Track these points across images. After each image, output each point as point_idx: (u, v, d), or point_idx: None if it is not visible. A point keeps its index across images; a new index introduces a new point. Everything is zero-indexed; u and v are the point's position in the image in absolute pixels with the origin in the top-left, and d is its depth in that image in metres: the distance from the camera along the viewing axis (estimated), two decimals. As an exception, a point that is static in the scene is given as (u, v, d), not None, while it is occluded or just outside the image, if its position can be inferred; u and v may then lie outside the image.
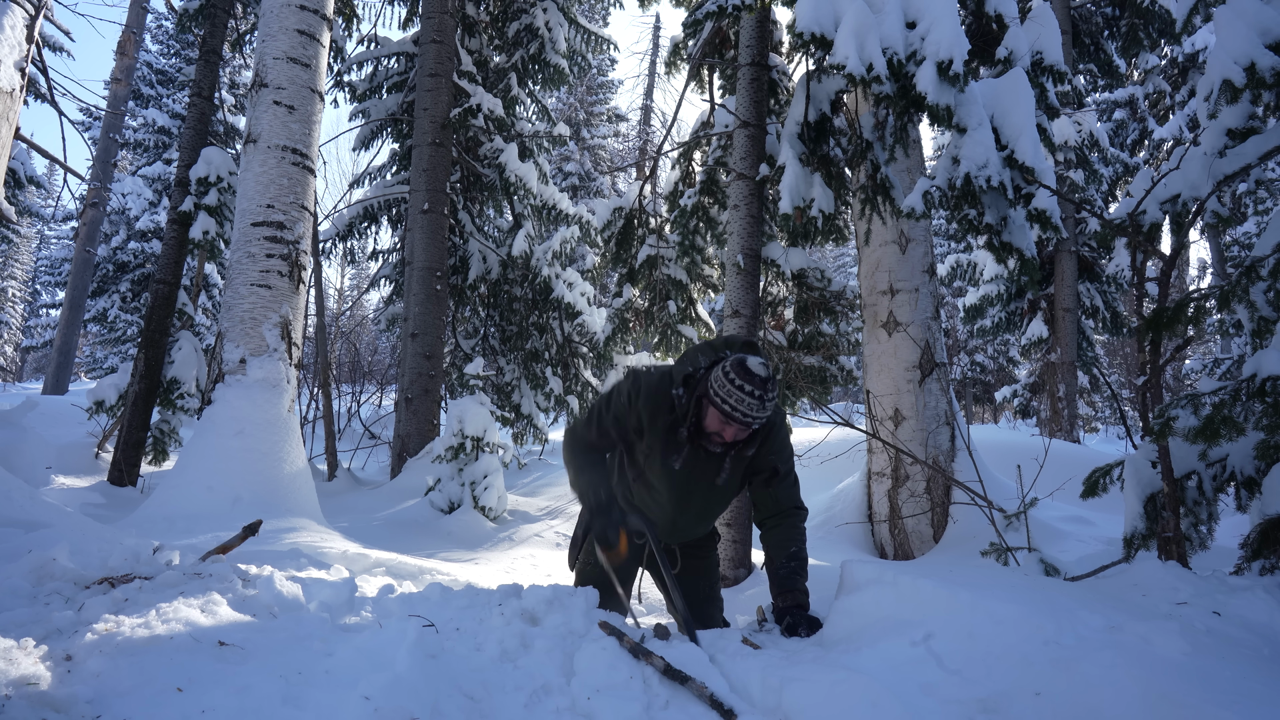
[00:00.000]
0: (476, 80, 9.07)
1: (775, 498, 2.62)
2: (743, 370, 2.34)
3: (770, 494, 2.62)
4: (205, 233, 6.93)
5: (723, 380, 2.36)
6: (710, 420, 2.42)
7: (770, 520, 2.65)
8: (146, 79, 19.21)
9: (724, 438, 2.44)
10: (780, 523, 2.63)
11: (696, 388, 2.46)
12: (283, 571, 2.50)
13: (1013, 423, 21.10)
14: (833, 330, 5.45)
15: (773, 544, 2.62)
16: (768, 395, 2.34)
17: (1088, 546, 4.75)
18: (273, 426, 4.86)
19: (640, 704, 1.86)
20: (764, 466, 2.60)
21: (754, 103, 4.79)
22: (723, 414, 2.37)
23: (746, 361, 2.36)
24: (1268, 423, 2.63)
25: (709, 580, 2.95)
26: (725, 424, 2.40)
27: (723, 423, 2.40)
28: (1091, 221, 10.88)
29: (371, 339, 22.35)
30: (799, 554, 2.59)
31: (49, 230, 31.06)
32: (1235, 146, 3.02)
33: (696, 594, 2.82)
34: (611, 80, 26.29)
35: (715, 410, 2.39)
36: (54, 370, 14.96)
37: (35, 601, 2.06)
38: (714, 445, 2.48)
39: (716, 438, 2.45)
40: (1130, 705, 1.71)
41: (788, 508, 2.63)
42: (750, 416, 2.35)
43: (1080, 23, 11.36)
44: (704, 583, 2.91)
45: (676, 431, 2.51)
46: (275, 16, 5.17)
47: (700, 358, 2.54)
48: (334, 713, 1.61)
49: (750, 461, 2.60)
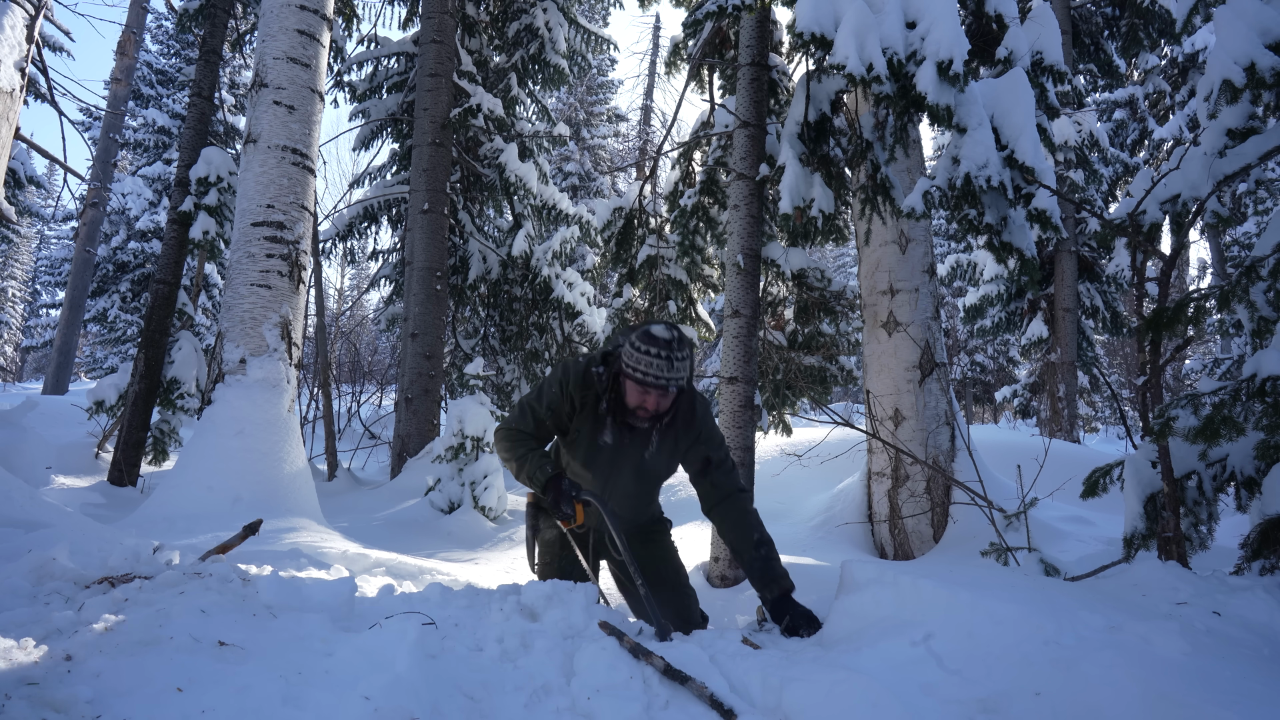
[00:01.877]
0: (476, 80, 9.07)
1: (714, 484, 2.68)
2: (647, 336, 2.42)
3: (709, 482, 2.68)
4: (205, 233, 6.93)
5: (630, 351, 2.44)
6: (630, 394, 2.50)
7: (717, 507, 2.71)
8: (146, 79, 19.21)
9: (647, 408, 2.50)
10: (728, 508, 2.68)
11: (613, 365, 2.55)
12: (283, 572, 2.50)
13: (1013, 423, 21.10)
14: (833, 330, 5.44)
15: (732, 534, 2.67)
16: (675, 354, 2.40)
17: (1088, 546, 4.75)
18: (273, 426, 4.86)
19: (640, 704, 1.86)
20: (695, 458, 2.67)
21: (754, 103, 4.79)
22: (637, 382, 2.44)
23: (650, 329, 2.45)
24: (1268, 423, 2.63)
25: (671, 567, 2.91)
26: (644, 394, 2.47)
27: (641, 394, 2.47)
28: (1091, 221, 10.88)
29: (371, 339, 22.35)
30: (764, 539, 2.63)
31: (49, 230, 31.06)
32: (1235, 146, 3.02)
33: (661, 580, 2.77)
34: (611, 80, 26.29)
35: (631, 383, 2.47)
36: (54, 370, 14.95)
37: (35, 601, 2.06)
38: (639, 420, 2.55)
39: (641, 411, 2.51)
40: (1130, 705, 1.71)
41: (731, 491, 2.68)
42: (663, 378, 2.41)
43: (1080, 23, 11.36)
44: (667, 569, 2.88)
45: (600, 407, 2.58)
46: (275, 16, 5.17)
47: (619, 337, 2.64)
48: (334, 713, 1.61)
49: (682, 451, 2.66)
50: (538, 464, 2.57)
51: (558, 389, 2.61)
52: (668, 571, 2.88)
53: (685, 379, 2.47)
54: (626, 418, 2.56)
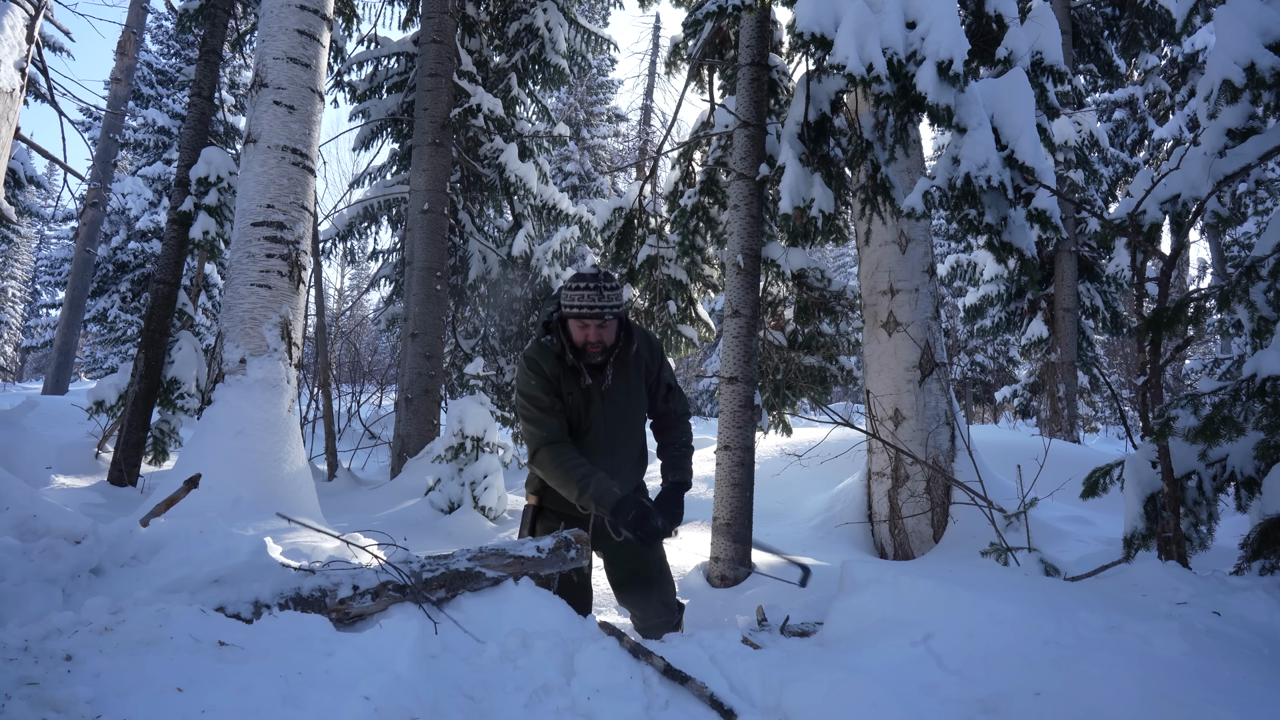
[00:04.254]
0: (476, 80, 9.06)
1: (671, 409, 3.05)
2: (576, 276, 2.73)
3: (667, 407, 3.04)
4: (205, 233, 6.92)
5: (565, 294, 2.72)
6: (575, 333, 2.74)
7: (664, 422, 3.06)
8: (146, 79, 19.20)
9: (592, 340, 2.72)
10: (674, 423, 3.05)
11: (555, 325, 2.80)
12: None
13: (1013, 423, 21.10)
14: (833, 330, 5.44)
15: (667, 438, 3.03)
16: (602, 284, 2.68)
17: (1088, 546, 4.75)
18: (273, 426, 4.86)
19: (640, 704, 1.86)
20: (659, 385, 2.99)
21: (754, 103, 4.79)
22: (575, 316, 2.69)
23: (578, 269, 2.79)
24: (1268, 423, 2.63)
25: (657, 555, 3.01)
26: (584, 327, 2.71)
27: (582, 327, 2.71)
28: (1091, 221, 10.88)
29: (371, 339, 22.33)
30: (688, 444, 3.03)
31: (49, 230, 31.05)
32: (1235, 146, 3.02)
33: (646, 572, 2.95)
34: (611, 80, 26.27)
35: (571, 320, 2.72)
36: (54, 370, 14.95)
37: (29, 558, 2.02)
38: (593, 356, 2.75)
39: (592, 347, 2.73)
40: (1130, 705, 1.71)
41: (680, 413, 3.06)
42: (595, 306, 2.67)
43: (1080, 23, 11.35)
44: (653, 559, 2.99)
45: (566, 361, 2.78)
46: (275, 16, 5.17)
47: (548, 305, 2.93)
48: (334, 713, 1.61)
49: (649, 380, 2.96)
50: (604, 485, 2.68)
51: (537, 377, 2.79)
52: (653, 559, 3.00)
53: (617, 307, 2.71)
54: (584, 359, 2.77)
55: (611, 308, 2.69)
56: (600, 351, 2.75)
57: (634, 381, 2.89)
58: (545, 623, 2.19)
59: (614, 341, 2.78)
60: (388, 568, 2.17)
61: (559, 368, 2.79)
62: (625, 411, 2.89)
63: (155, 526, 2.30)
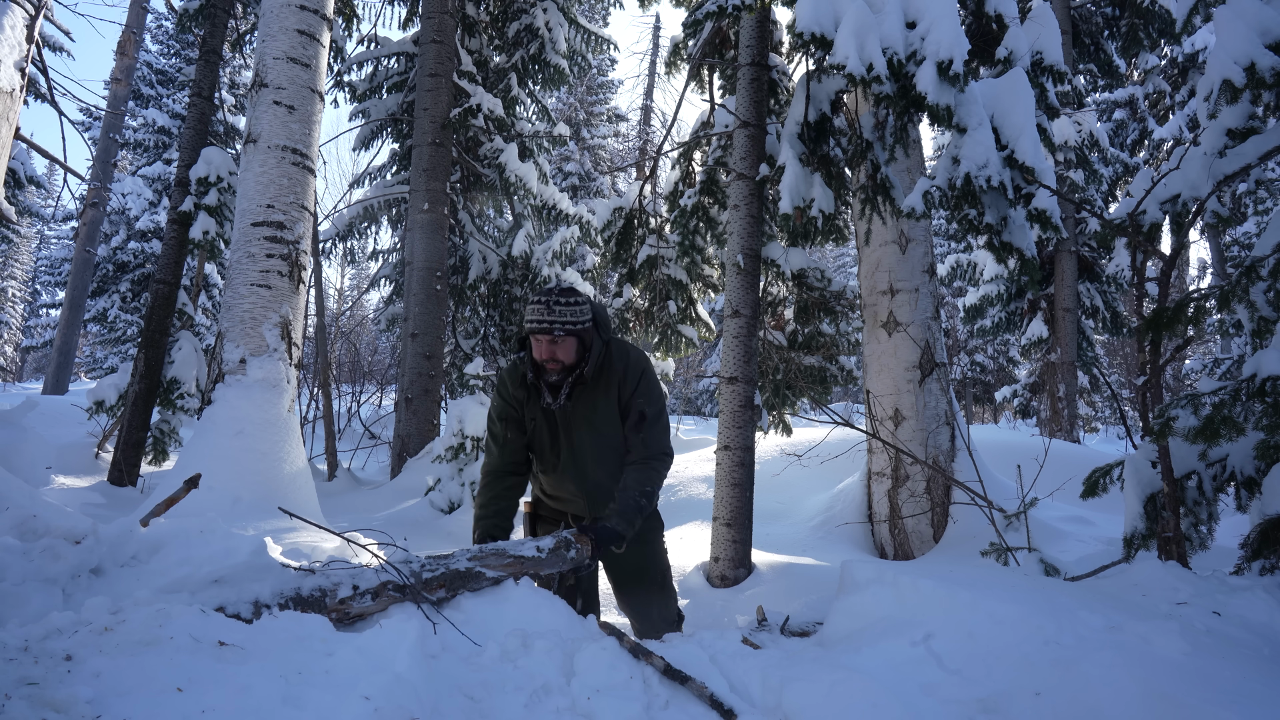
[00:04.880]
0: (476, 80, 9.06)
1: (644, 442, 2.75)
2: (535, 292, 2.68)
3: (640, 439, 2.76)
4: (205, 233, 6.92)
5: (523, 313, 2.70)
6: (534, 349, 2.67)
7: (635, 463, 2.77)
8: (146, 79, 19.21)
9: (546, 357, 2.63)
10: (638, 461, 2.76)
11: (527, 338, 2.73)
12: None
13: (1013, 423, 21.10)
14: (833, 330, 5.44)
15: (629, 477, 2.72)
16: (554, 301, 2.60)
17: (1088, 546, 4.75)
18: (273, 426, 4.86)
19: (640, 704, 1.86)
20: (631, 409, 2.76)
21: (754, 103, 4.79)
22: (531, 332, 2.64)
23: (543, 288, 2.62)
24: (1268, 423, 2.63)
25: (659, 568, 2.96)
26: (538, 343, 2.64)
27: (538, 345, 2.64)
28: (1091, 221, 10.88)
29: (371, 339, 22.34)
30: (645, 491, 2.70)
31: (49, 230, 31.04)
32: (1235, 146, 3.02)
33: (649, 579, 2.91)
34: (611, 80, 26.27)
35: (533, 339, 2.65)
36: (54, 370, 14.95)
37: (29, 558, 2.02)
38: (550, 374, 2.67)
39: (550, 364, 2.64)
40: (1130, 705, 1.71)
41: (654, 453, 2.76)
42: (544, 321, 2.59)
43: (1080, 23, 11.35)
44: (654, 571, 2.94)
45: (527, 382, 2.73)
46: (275, 16, 5.17)
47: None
48: (334, 713, 1.61)
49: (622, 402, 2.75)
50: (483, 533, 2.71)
51: (498, 398, 2.80)
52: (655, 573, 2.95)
53: (571, 323, 2.61)
54: (544, 377, 2.69)
55: (563, 323, 2.59)
56: (559, 370, 2.66)
57: (601, 403, 2.74)
58: (545, 623, 2.19)
59: (574, 360, 2.67)
60: (388, 568, 2.17)
61: (523, 389, 2.76)
62: (595, 433, 2.76)
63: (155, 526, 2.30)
